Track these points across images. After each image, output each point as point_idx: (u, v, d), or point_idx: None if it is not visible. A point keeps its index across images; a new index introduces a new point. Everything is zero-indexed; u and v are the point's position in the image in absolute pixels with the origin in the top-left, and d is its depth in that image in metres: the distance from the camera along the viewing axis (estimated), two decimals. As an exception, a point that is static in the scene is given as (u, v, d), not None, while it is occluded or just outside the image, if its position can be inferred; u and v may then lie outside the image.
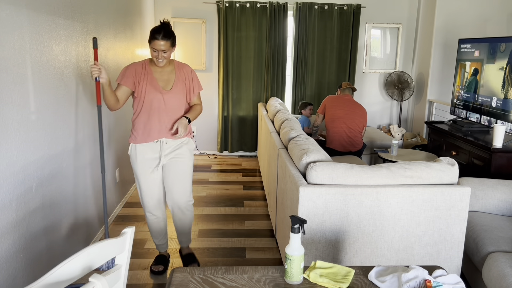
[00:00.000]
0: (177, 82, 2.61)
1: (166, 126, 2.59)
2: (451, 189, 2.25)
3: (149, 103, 2.55)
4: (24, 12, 2.14)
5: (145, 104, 2.55)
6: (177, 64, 2.67)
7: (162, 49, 2.43)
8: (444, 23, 5.29)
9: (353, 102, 4.23)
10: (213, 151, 6.03)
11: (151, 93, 2.53)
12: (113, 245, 1.27)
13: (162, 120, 2.57)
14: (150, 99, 2.54)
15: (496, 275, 2.09)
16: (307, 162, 2.39)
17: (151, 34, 2.42)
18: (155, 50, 2.44)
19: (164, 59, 2.49)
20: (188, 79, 2.65)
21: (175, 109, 2.60)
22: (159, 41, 2.40)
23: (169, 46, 2.45)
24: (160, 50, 2.43)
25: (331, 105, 4.23)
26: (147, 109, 2.56)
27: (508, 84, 3.55)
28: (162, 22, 2.49)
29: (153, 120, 2.56)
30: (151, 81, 2.54)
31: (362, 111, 4.18)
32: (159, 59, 2.48)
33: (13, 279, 2.06)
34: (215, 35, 5.70)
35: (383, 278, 1.39)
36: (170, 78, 2.60)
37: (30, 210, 2.23)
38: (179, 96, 2.61)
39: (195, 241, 3.27)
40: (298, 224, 1.39)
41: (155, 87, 2.54)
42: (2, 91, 1.94)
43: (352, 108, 4.17)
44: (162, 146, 2.61)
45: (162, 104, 2.55)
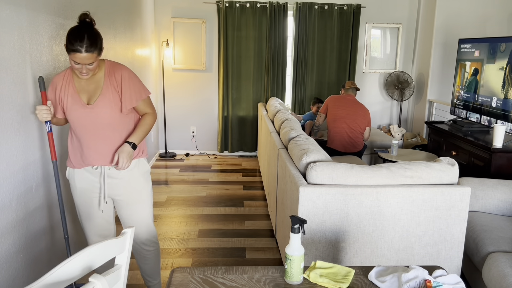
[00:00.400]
0: (104, 92, 1.98)
1: (100, 151, 2.03)
2: (451, 189, 2.25)
3: (74, 122, 2.00)
4: (24, 12, 2.14)
5: (72, 124, 2.02)
6: (108, 67, 2.02)
7: (86, 62, 1.85)
8: (444, 23, 5.29)
9: (356, 103, 4.22)
10: (213, 151, 6.03)
11: (73, 111, 1.97)
12: (113, 245, 1.27)
13: (94, 143, 2.01)
14: (75, 117, 1.98)
15: (496, 275, 2.09)
16: (307, 162, 2.39)
17: (70, 43, 1.81)
18: (76, 63, 1.86)
19: (90, 71, 1.93)
20: (120, 85, 2.00)
21: (108, 128, 2.01)
22: (82, 54, 1.82)
23: (94, 57, 1.87)
24: (84, 64, 1.86)
25: (333, 105, 4.23)
26: (75, 130, 2.03)
27: (508, 84, 3.55)
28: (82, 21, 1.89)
29: (84, 143, 2.02)
30: (72, 94, 1.98)
31: (364, 112, 4.18)
32: (83, 74, 1.91)
33: (13, 279, 2.06)
34: (215, 35, 5.70)
35: (383, 278, 1.39)
36: (98, 87, 2.00)
37: (30, 210, 2.23)
38: (109, 111, 1.98)
39: (195, 241, 3.27)
40: (298, 224, 1.39)
41: (76, 101, 1.97)
42: (2, 91, 1.94)
43: (354, 109, 4.16)
44: (104, 173, 2.06)
45: (89, 123, 1.98)
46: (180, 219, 3.68)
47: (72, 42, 1.80)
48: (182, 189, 4.47)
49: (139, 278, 2.74)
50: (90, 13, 2.02)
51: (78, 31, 1.83)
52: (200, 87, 5.82)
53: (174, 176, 4.93)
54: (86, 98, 1.99)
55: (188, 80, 5.79)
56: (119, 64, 2.06)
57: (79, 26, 1.86)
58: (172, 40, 5.64)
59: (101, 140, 2.01)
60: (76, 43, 1.80)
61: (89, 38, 1.83)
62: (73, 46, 1.81)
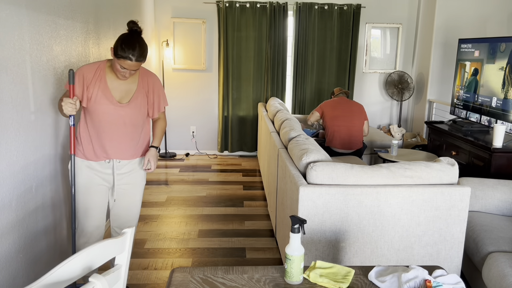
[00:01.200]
0: (137, 95, 2.16)
1: (120, 146, 2.18)
2: (451, 189, 2.25)
3: (100, 116, 2.11)
4: (24, 12, 2.14)
5: (94, 116, 2.12)
6: (142, 72, 2.21)
7: (133, 69, 2.02)
8: (444, 23, 5.29)
9: (349, 101, 4.27)
10: (213, 151, 6.03)
11: (102, 105, 2.09)
12: (113, 245, 1.27)
13: (116, 138, 2.15)
14: (101, 112, 2.10)
15: (496, 275, 2.09)
16: (307, 162, 2.39)
17: (122, 50, 1.94)
18: (123, 68, 2.01)
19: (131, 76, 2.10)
20: (152, 91, 2.21)
21: (131, 126, 2.18)
22: (132, 62, 1.97)
23: (140, 65, 2.04)
24: (130, 70, 2.03)
25: (329, 108, 4.25)
26: (96, 123, 2.13)
27: (508, 84, 3.55)
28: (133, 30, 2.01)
29: (104, 137, 2.14)
30: (103, 90, 2.09)
31: (359, 107, 4.23)
32: (125, 77, 2.08)
33: (13, 279, 2.06)
34: (215, 35, 5.70)
35: (383, 278, 1.39)
36: (130, 89, 2.16)
37: (30, 210, 2.23)
38: (137, 112, 2.16)
39: (195, 241, 3.27)
40: (298, 224, 1.39)
41: (108, 97, 2.09)
42: (2, 91, 1.94)
43: (349, 107, 4.21)
44: (114, 166, 2.22)
45: (116, 119, 2.12)
46: (180, 219, 3.68)
47: (125, 49, 1.94)
48: (182, 189, 4.47)
49: (139, 277, 2.74)
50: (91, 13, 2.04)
51: (131, 39, 1.96)
52: (200, 87, 5.82)
53: (174, 176, 4.93)
54: (118, 96, 2.13)
55: (188, 80, 5.79)
56: (150, 71, 2.26)
57: (131, 34, 1.99)
58: (172, 40, 5.64)
59: (123, 136, 2.17)
60: (129, 51, 1.94)
61: (141, 48, 1.97)
62: (125, 53, 1.94)
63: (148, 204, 4.02)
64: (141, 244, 3.21)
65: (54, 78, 2.51)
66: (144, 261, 2.96)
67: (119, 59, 1.96)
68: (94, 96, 2.09)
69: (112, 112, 2.11)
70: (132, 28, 2.02)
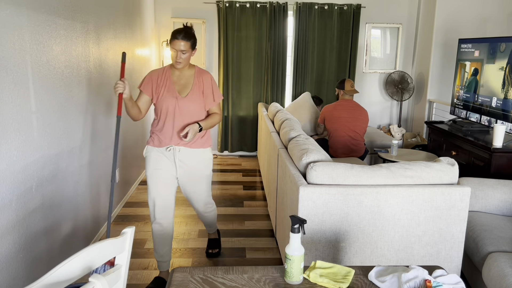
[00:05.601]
0: (194, 89, 2.55)
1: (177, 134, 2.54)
2: (451, 189, 2.25)
3: (165, 109, 2.51)
4: (24, 12, 2.14)
5: (162, 109, 2.52)
6: (198, 70, 2.61)
7: (181, 49, 2.41)
8: (444, 23, 5.29)
9: (355, 108, 4.11)
10: (213, 151, 6.03)
11: (167, 98, 2.50)
12: (113, 245, 1.27)
13: (176, 126, 2.52)
14: (166, 105, 2.50)
15: (496, 275, 2.09)
16: (307, 162, 2.39)
17: (172, 34, 2.42)
18: (174, 50, 2.43)
19: (183, 61, 2.46)
20: (207, 87, 2.58)
21: (190, 116, 2.54)
22: (179, 41, 2.40)
23: (188, 47, 2.43)
24: (179, 50, 2.42)
25: (330, 116, 4.14)
26: (164, 115, 2.53)
27: (508, 84, 3.55)
28: (185, 25, 2.51)
29: (167, 125, 2.53)
30: (168, 86, 2.52)
31: (364, 116, 4.10)
32: (177, 60, 2.45)
33: (13, 279, 2.06)
34: (215, 35, 5.70)
35: (383, 278, 1.39)
36: (188, 83, 2.56)
37: (30, 210, 2.23)
38: (195, 104, 2.54)
39: (195, 241, 3.27)
40: (298, 224, 1.39)
41: (171, 92, 2.50)
42: (2, 91, 1.94)
43: (354, 114, 4.07)
44: (175, 154, 2.56)
45: (177, 110, 2.51)
46: (180, 219, 3.68)
47: (174, 34, 2.42)
48: (182, 189, 4.46)
49: (139, 278, 2.74)
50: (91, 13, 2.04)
51: (180, 28, 2.46)
52: (200, 87, 5.82)
53: (174, 176, 4.92)
54: (178, 89, 2.53)
55: (188, 80, 5.78)
56: (205, 70, 2.63)
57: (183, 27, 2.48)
58: (172, 40, 5.63)
59: (181, 124, 2.51)
60: (177, 33, 2.41)
61: (186, 32, 2.43)
62: (174, 35, 2.41)
63: (148, 204, 4.02)
64: (141, 244, 3.21)
65: (54, 78, 2.51)
66: (144, 261, 2.96)
67: (171, 43, 2.42)
68: (161, 93, 2.49)
69: (174, 104, 2.49)
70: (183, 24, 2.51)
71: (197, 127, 2.47)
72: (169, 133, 2.53)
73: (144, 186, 4.52)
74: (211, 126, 2.61)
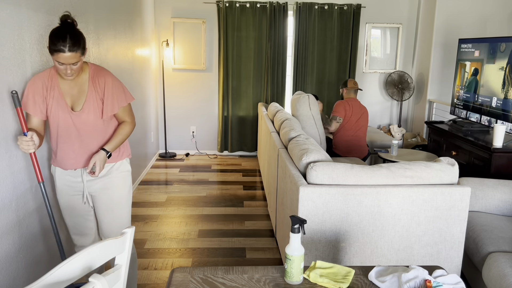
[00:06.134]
0: (89, 99, 1.99)
1: (81, 156, 2.06)
2: (451, 189, 2.25)
3: (56, 126, 2.01)
4: (24, 12, 2.14)
5: (52, 126, 2.03)
6: (93, 71, 2.03)
7: (70, 62, 1.84)
8: (444, 23, 5.29)
9: (360, 107, 4.12)
10: (213, 151, 6.03)
11: (57, 114, 1.98)
12: (113, 245, 1.27)
13: (76, 148, 2.04)
14: (57, 121, 2.00)
15: (496, 275, 2.09)
16: (307, 162, 2.39)
17: (53, 43, 1.80)
18: (61, 64, 1.85)
19: (75, 72, 1.92)
20: (107, 90, 2.02)
21: (90, 133, 2.03)
22: (65, 54, 1.81)
23: (78, 56, 1.86)
24: (68, 64, 1.85)
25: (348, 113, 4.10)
26: (55, 133, 2.03)
27: (508, 84, 3.55)
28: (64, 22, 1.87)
29: (64, 147, 2.03)
30: (57, 98, 1.97)
31: (367, 114, 4.14)
32: (68, 75, 1.90)
33: (13, 279, 2.06)
34: (215, 35, 5.70)
35: (383, 278, 1.39)
36: (82, 91, 2.00)
37: (30, 210, 2.23)
38: (93, 117, 2.01)
39: (195, 241, 3.27)
40: (298, 224, 1.39)
41: (61, 106, 1.97)
42: (2, 91, 1.94)
43: (360, 113, 4.09)
44: (83, 174, 2.10)
45: (72, 128, 2.00)
46: (180, 219, 3.68)
47: (55, 42, 1.80)
48: (182, 189, 4.47)
49: (139, 278, 2.74)
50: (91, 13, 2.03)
51: (60, 31, 1.82)
52: (200, 87, 5.82)
53: (174, 176, 4.93)
54: (70, 102, 2.00)
55: (188, 80, 5.79)
56: (103, 69, 2.07)
57: (60, 26, 1.85)
58: (172, 40, 5.64)
59: (81, 145, 2.04)
60: (59, 43, 1.79)
61: (72, 38, 1.82)
62: (55, 46, 1.80)
63: (148, 204, 4.03)
64: (141, 244, 3.21)
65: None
66: (144, 261, 2.96)
67: (53, 55, 1.82)
68: (50, 107, 1.98)
69: (68, 120, 1.99)
70: (63, 20, 1.88)
71: (104, 155, 2.01)
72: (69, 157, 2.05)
73: (144, 186, 4.53)
74: (121, 142, 2.09)
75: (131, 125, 2.12)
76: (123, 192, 2.19)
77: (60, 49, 1.80)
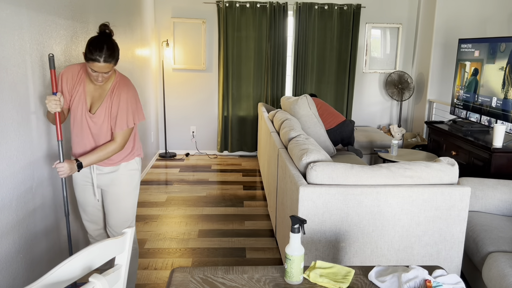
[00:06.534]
0: (103, 106, 2.09)
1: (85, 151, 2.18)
2: (451, 189, 2.25)
3: (73, 119, 2.13)
4: (24, 12, 2.14)
5: (71, 117, 2.15)
6: (117, 82, 2.11)
7: (103, 71, 1.96)
8: (444, 23, 5.29)
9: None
10: (213, 151, 6.03)
11: (77, 109, 2.10)
12: (113, 245, 1.27)
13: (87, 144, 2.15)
14: (74, 115, 2.12)
15: (496, 275, 2.09)
16: (307, 162, 2.39)
17: (90, 52, 1.91)
18: (93, 71, 1.97)
19: (105, 79, 2.03)
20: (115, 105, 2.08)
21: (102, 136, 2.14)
22: (100, 63, 1.92)
23: (112, 67, 1.98)
24: (101, 72, 1.97)
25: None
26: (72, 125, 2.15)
27: (508, 84, 3.55)
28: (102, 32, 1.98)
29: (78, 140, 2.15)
30: (80, 95, 2.09)
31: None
32: (98, 81, 2.01)
33: (13, 279, 2.06)
34: (215, 35, 5.70)
35: (383, 278, 1.39)
36: (101, 96, 2.11)
37: (30, 210, 2.23)
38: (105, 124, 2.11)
39: (195, 241, 3.27)
40: (298, 224, 1.39)
41: (81, 103, 2.09)
42: (2, 91, 1.94)
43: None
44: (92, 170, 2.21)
45: (86, 126, 2.11)
46: (180, 219, 3.68)
47: (92, 51, 1.91)
48: (182, 189, 4.47)
49: (139, 278, 2.74)
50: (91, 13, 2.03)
51: (98, 41, 1.93)
52: (200, 87, 5.82)
53: (174, 176, 4.93)
54: (90, 103, 2.12)
55: (188, 80, 5.79)
56: (127, 83, 2.13)
57: (99, 36, 1.96)
58: (172, 40, 5.64)
59: (91, 142, 2.15)
60: (96, 53, 1.90)
61: (108, 49, 1.93)
62: (92, 55, 1.91)
63: (148, 204, 4.03)
64: (141, 244, 3.21)
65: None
66: (144, 261, 2.96)
67: (88, 62, 1.93)
68: (73, 100, 2.09)
69: (82, 118, 2.09)
70: (102, 30, 1.99)
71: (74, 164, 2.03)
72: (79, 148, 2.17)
73: (144, 186, 4.52)
74: (99, 160, 2.09)
75: (117, 147, 2.12)
76: (127, 188, 2.27)
77: (96, 58, 1.91)
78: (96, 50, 1.90)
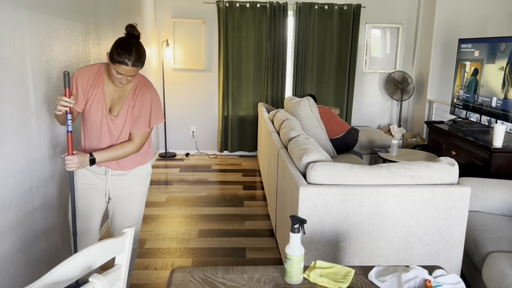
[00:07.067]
0: (125, 107, 2.02)
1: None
2: (451, 189, 2.25)
3: (90, 122, 2.05)
4: (24, 12, 2.14)
5: (86, 121, 2.06)
6: (138, 83, 2.05)
7: (129, 75, 1.89)
8: (444, 23, 5.29)
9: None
10: (213, 151, 6.03)
11: (95, 111, 2.01)
12: (113, 245, 1.27)
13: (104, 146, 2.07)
14: (92, 118, 2.03)
15: (496, 275, 2.09)
16: (307, 162, 2.39)
17: (118, 54, 1.83)
18: (118, 73, 1.88)
19: (128, 82, 1.96)
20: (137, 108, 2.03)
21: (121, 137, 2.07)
22: (127, 67, 1.85)
23: (137, 70, 1.91)
24: (126, 76, 1.90)
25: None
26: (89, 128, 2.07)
27: (508, 84, 3.55)
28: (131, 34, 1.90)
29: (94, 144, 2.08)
30: (99, 97, 2.00)
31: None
32: (122, 84, 1.94)
33: (13, 279, 2.06)
34: (215, 35, 5.70)
35: (383, 278, 1.39)
36: (122, 98, 2.04)
37: (30, 210, 2.23)
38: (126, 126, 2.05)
39: (195, 241, 3.27)
40: (298, 224, 1.39)
41: (101, 106, 2.01)
42: (2, 91, 1.94)
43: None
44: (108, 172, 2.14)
45: (105, 129, 2.04)
46: (180, 219, 3.68)
47: (121, 54, 1.82)
48: (182, 189, 4.47)
49: (139, 277, 2.74)
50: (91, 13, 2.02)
51: (127, 44, 1.84)
52: (200, 87, 5.82)
53: (174, 176, 4.93)
54: (109, 105, 2.03)
55: (188, 80, 5.79)
56: (148, 84, 2.07)
57: (128, 38, 1.88)
58: (172, 40, 5.64)
59: (109, 144, 2.07)
60: (125, 55, 1.82)
61: (137, 53, 1.85)
62: (120, 58, 1.82)
63: (148, 204, 4.03)
64: (141, 244, 3.21)
65: (54, 78, 2.51)
66: (144, 261, 2.96)
67: (114, 64, 1.85)
68: (90, 103, 2.00)
69: (102, 121, 2.02)
70: (129, 32, 1.91)
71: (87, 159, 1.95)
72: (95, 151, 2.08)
73: (144, 186, 4.52)
74: (114, 158, 2.02)
75: (134, 148, 2.06)
76: (139, 190, 2.21)
77: (123, 61, 1.83)
78: (125, 53, 1.82)
